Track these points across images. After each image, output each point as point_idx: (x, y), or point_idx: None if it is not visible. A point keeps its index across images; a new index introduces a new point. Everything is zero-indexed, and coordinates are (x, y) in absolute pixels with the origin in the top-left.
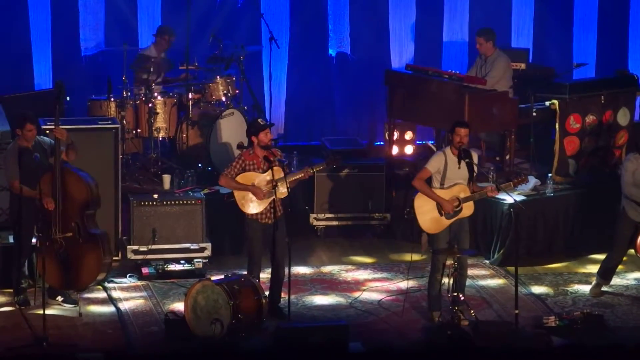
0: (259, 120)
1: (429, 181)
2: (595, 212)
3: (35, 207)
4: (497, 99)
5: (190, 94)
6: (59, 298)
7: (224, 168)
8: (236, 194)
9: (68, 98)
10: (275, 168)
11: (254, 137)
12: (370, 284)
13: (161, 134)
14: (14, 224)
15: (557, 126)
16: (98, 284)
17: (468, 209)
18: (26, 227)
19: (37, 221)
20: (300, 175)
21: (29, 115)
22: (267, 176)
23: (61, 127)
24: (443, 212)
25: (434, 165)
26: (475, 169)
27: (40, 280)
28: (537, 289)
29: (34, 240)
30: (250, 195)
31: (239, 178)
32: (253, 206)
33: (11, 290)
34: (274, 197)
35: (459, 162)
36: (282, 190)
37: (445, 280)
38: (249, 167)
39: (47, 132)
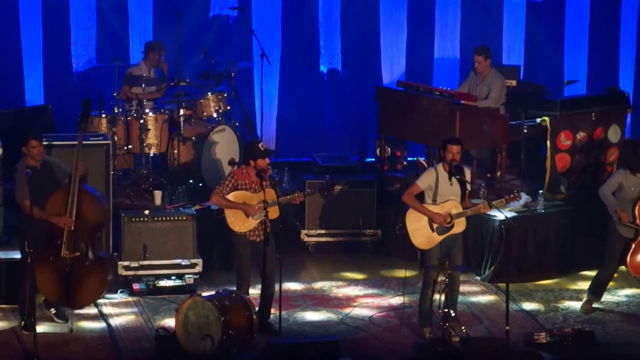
0: (260, 145)
1: (419, 197)
2: (586, 229)
3: (43, 227)
4: (488, 116)
5: (181, 110)
6: (52, 310)
7: (215, 185)
8: (227, 211)
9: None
10: (267, 190)
11: (251, 160)
12: (361, 300)
13: (152, 150)
14: (23, 244)
15: (548, 143)
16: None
17: (460, 225)
18: (32, 242)
19: (43, 237)
20: (291, 199)
21: (33, 132)
22: (259, 197)
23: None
24: (434, 228)
25: (425, 181)
26: (468, 186)
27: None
28: (528, 305)
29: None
30: (241, 213)
31: (230, 197)
32: (243, 224)
33: (1, 306)
34: (264, 218)
35: (450, 179)
36: (274, 212)
37: (437, 296)
38: (241, 186)
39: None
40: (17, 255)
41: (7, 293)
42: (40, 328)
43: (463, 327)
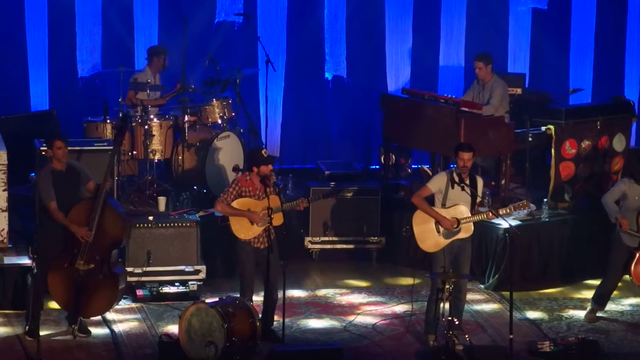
0: (263, 152)
1: (429, 200)
2: (590, 238)
3: (59, 235)
4: (493, 124)
5: (186, 116)
6: (74, 326)
7: (219, 193)
8: (231, 219)
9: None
10: (271, 196)
11: (254, 167)
12: (364, 307)
13: (157, 156)
14: (37, 249)
15: (552, 151)
16: None
17: (466, 231)
18: (44, 249)
19: (57, 245)
20: (295, 206)
21: (57, 133)
22: (263, 204)
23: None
24: (440, 231)
25: (436, 184)
26: (478, 198)
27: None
28: (532, 314)
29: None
30: (246, 220)
31: (234, 204)
32: (248, 232)
33: (6, 311)
34: (269, 225)
35: (452, 186)
36: (278, 219)
37: (442, 304)
38: (245, 193)
39: (43, 152)
40: (23, 260)
41: (13, 298)
42: (44, 334)
43: (467, 336)
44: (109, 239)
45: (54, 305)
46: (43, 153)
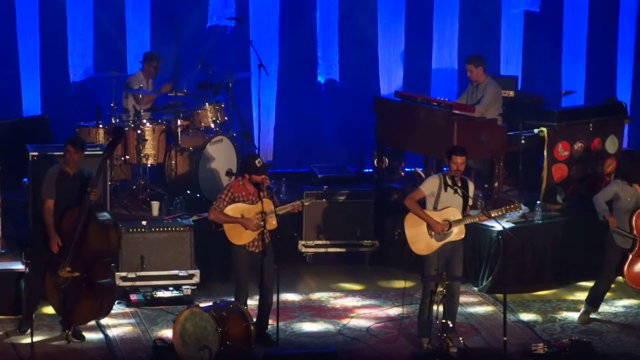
0: (257, 161)
1: (421, 202)
2: (583, 239)
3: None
4: (485, 127)
5: (179, 120)
6: (68, 332)
7: (212, 197)
8: (226, 225)
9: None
10: (265, 200)
11: (247, 174)
12: (358, 311)
13: (150, 161)
14: (30, 253)
15: (545, 153)
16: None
17: (459, 233)
18: (37, 250)
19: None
20: (290, 209)
21: (73, 139)
22: (256, 208)
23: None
24: (432, 233)
25: (428, 187)
26: (470, 200)
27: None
28: (526, 316)
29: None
30: (240, 226)
31: (228, 210)
32: (242, 237)
33: (1, 317)
34: (262, 229)
35: (445, 188)
36: (272, 223)
37: (436, 307)
38: (238, 198)
39: (35, 157)
40: (16, 266)
41: (7, 304)
42: (37, 338)
43: (461, 338)
44: (91, 250)
45: (47, 310)
46: (34, 158)
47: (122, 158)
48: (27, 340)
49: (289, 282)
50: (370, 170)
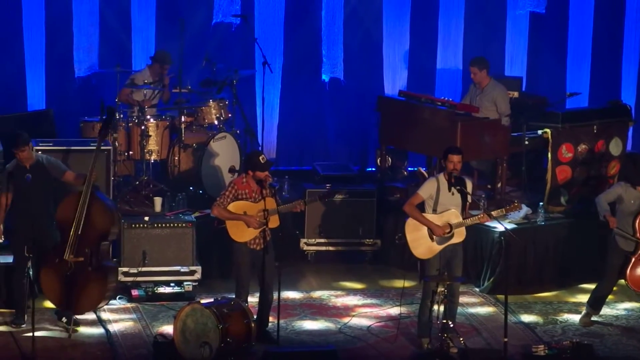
0: (261, 158)
1: (420, 207)
2: (585, 242)
3: (24, 224)
4: (489, 127)
5: (182, 117)
6: (64, 319)
7: (215, 194)
8: (228, 222)
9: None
10: (267, 199)
11: (250, 170)
12: (359, 309)
13: (153, 157)
14: (13, 243)
15: (549, 155)
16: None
17: (459, 235)
18: (16, 244)
19: (26, 239)
20: (291, 208)
21: (21, 136)
22: (259, 206)
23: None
24: (434, 237)
25: (426, 191)
26: (469, 197)
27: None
28: (527, 318)
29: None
30: (242, 223)
31: (231, 207)
32: (244, 234)
33: (0, 310)
34: (264, 227)
35: (449, 189)
36: (274, 221)
37: (436, 307)
38: (241, 196)
39: (40, 151)
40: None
41: (7, 297)
42: (39, 333)
43: (461, 339)
44: (97, 231)
45: (49, 304)
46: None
47: (126, 153)
48: (29, 334)
49: (290, 279)
50: (373, 169)
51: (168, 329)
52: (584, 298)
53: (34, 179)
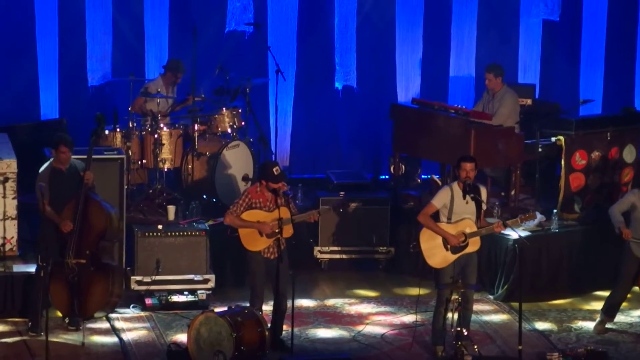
0: (275, 169)
1: (434, 216)
2: (599, 249)
3: (56, 233)
4: (502, 135)
5: (196, 125)
6: (66, 319)
7: (229, 202)
8: (240, 230)
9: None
10: (282, 208)
11: (264, 181)
12: (373, 317)
13: (166, 165)
14: (39, 249)
15: (562, 162)
16: (104, 315)
17: (474, 245)
18: (46, 253)
19: (54, 247)
20: (306, 218)
21: (65, 138)
22: (273, 215)
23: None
24: (449, 247)
25: (440, 200)
26: (484, 205)
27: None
28: (541, 325)
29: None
30: (255, 232)
31: (244, 215)
32: (257, 243)
33: (14, 319)
34: (279, 236)
35: (464, 197)
36: (289, 230)
37: (451, 315)
38: (255, 205)
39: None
40: (31, 268)
41: (22, 306)
42: (53, 341)
43: (475, 346)
44: (94, 230)
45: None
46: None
47: (139, 162)
48: (42, 341)
49: (303, 288)
50: (387, 177)
51: (182, 337)
52: (598, 305)
53: (66, 182)
